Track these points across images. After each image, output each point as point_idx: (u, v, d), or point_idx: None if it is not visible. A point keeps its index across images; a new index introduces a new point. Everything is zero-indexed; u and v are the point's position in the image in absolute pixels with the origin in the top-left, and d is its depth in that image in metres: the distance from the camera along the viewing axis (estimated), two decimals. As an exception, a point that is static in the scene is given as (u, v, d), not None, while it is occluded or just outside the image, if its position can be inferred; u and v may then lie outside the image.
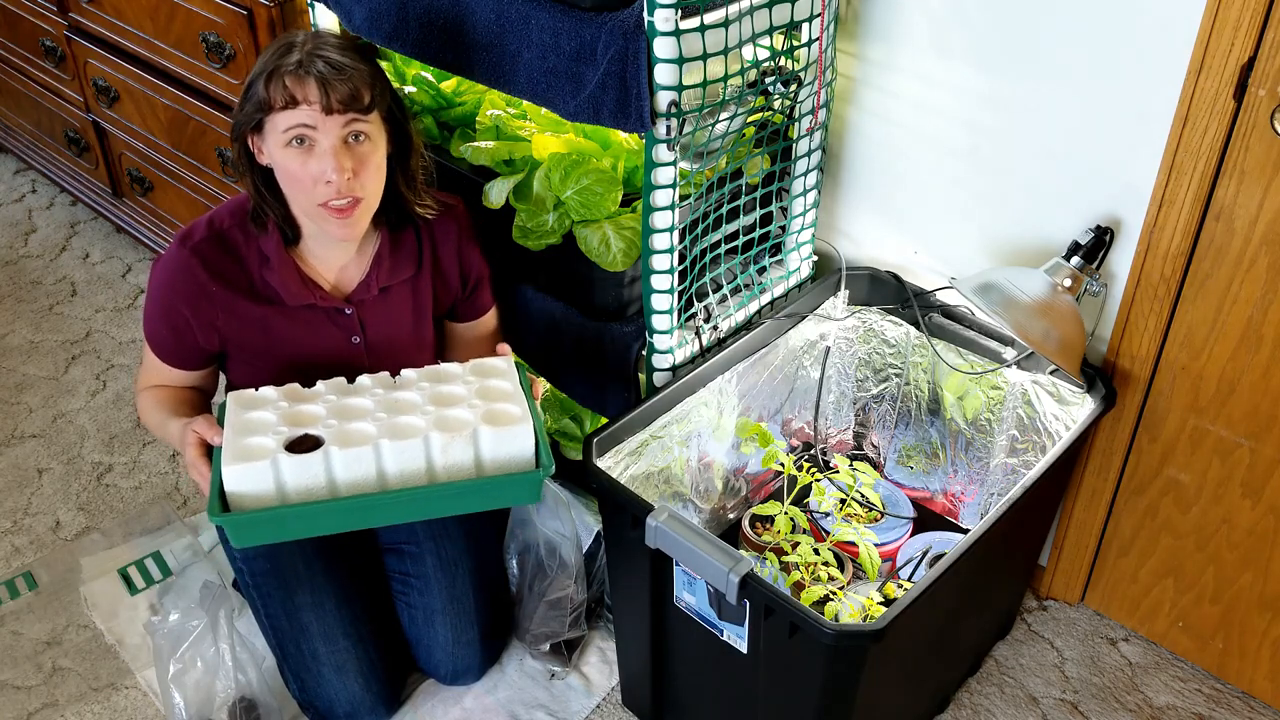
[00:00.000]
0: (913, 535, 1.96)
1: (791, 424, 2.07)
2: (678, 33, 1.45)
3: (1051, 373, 1.77)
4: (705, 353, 1.80)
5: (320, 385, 1.54)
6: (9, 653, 1.92)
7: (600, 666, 1.89)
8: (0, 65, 3.09)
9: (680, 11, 1.44)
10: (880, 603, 1.66)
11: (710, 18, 1.49)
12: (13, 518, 2.19)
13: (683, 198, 1.63)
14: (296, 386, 1.53)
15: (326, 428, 1.45)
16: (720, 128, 1.63)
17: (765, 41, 1.66)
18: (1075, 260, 1.65)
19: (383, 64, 1.64)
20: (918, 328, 1.93)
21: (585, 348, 1.81)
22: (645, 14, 1.44)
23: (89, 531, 2.16)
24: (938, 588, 1.40)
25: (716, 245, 1.80)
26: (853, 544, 1.74)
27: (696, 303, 1.78)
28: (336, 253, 1.63)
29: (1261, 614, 1.78)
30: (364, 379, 1.56)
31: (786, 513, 1.79)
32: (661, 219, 1.59)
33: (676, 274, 1.66)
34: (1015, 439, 1.87)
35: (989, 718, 1.82)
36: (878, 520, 1.96)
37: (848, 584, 1.78)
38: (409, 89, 1.95)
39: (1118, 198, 1.66)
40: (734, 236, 1.85)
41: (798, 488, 1.92)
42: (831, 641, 1.32)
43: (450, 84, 2.01)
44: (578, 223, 1.70)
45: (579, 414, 2.04)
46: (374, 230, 1.65)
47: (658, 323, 1.70)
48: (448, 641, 1.79)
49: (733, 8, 1.53)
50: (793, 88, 1.73)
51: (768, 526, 1.93)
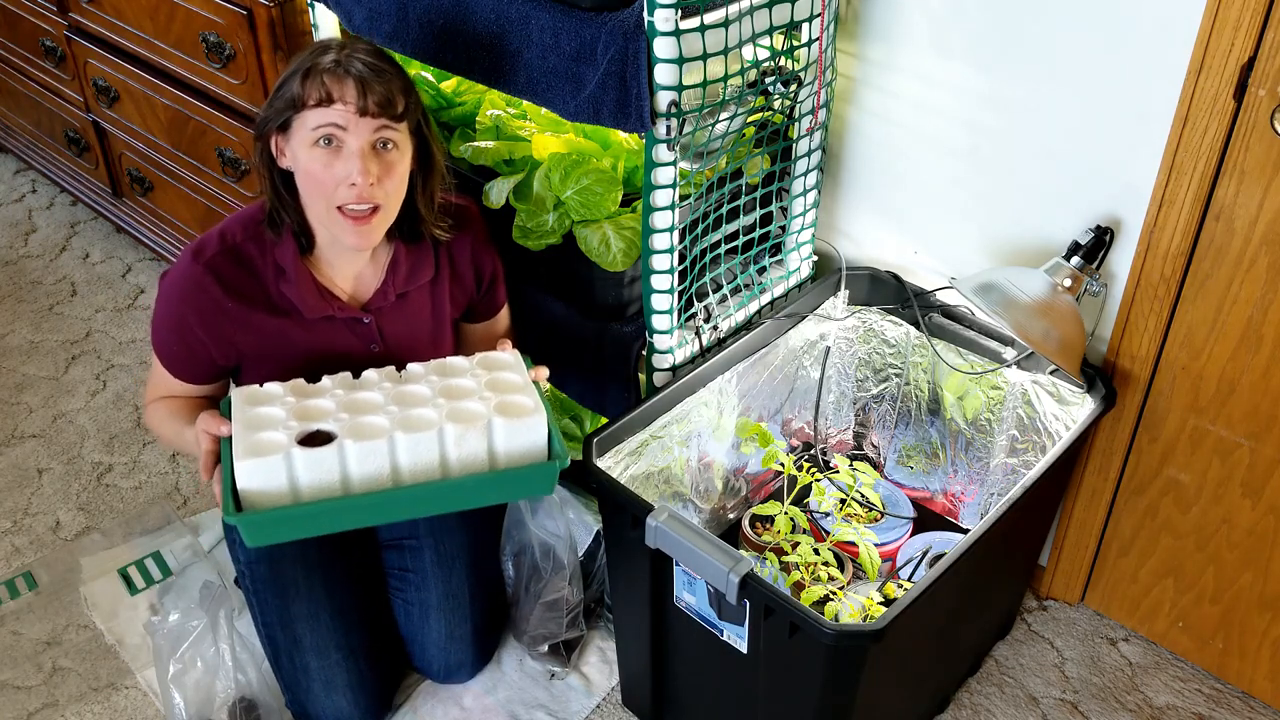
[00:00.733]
0: (913, 535, 1.96)
1: (791, 424, 2.07)
2: (678, 33, 1.45)
3: (1051, 373, 1.77)
4: (705, 353, 1.80)
5: (326, 380, 1.53)
6: (9, 653, 1.92)
7: (600, 666, 1.89)
8: (0, 65, 3.09)
9: (680, 11, 1.44)
10: (880, 603, 1.66)
11: (710, 18, 1.49)
12: (13, 518, 2.19)
13: (683, 198, 1.63)
14: (302, 382, 1.52)
15: (338, 422, 1.44)
16: (720, 128, 1.63)
17: (765, 41, 1.67)
18: (1075, 260, 1.65)
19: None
20: (918, 328, 1.93)
21: (585, 348, 1.81)
22: (645, 14, 1.44)
23: (89, 531, 2.16)
24: (938, 588, 1.40)
25: (716, 245, 1.80)
26: (853, 544, 1.74)
27: (696, 303, 1.78)
28: (352, 262, 1.61)
29: (1261, 614, 1.78)
30: (370, 373, 1.54)
31: (786, 513, 1.79)
32: (661, 219, 1.59)
33: (676, 274, 1.66)
34: (1015, 439, 1.87)
35: (989, 718, 1.82)
36: (878, 520, 1.96)
37: (848, 584, 1.78)
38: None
39: (1118, 198, 1.66)
40: (734, 236, 1.85)
41: (798, 488, 1.92)
42: (831, 641, 1.33)
43: (450, 84, 2.01)
44: (578, 223, 1.71)
45: (579, 414, 2.04)
46: (387, 239, 1.62)
47: (658, 323, 1.70)
48: (441, 637, 1.79)
49: (733, 8, 1.53)
50: (793, 88, 1.73)
51: (768, 526, 1.93)
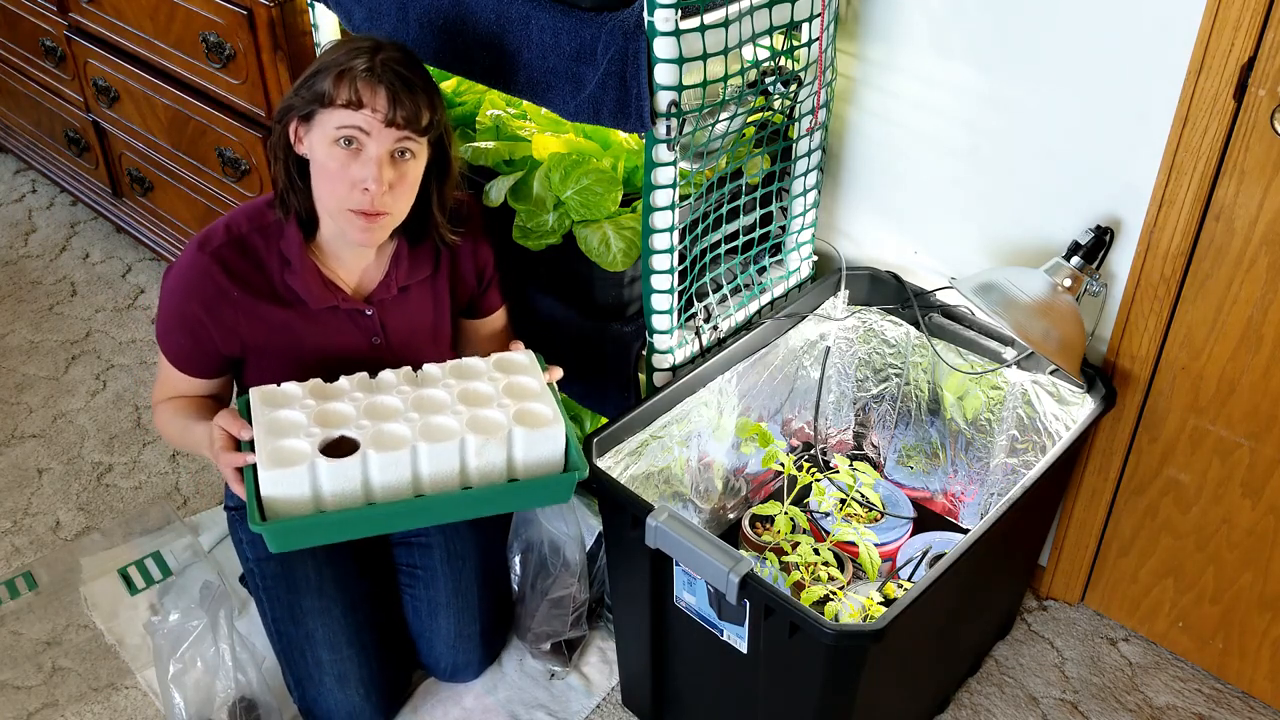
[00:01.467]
0: (913, 535, 1.96)
1: (791, 424, 2.07)
2: (678, 33, 1.45)
3: (1051, 373, 1.77)
4: (705, 353, 1.80)
5: (344, 381, 1.53)
6: (9, 653, 1.92)
7: (600, 666, 1.89)
8: (0, 65, 3.09)
9: (680, 11, 1.44)
10: (880, 603, 1.66)
11: (710, 18, 1.49)
12: (13, 518, 2.19)
13: (683, 198, 1.63)
14: (320, 382, 1.53)
15: (360, 429, 1.45)
16: (720, 128, 1.63)
17: (765, 41, 1.66)
18: (1075, 260, 1.65)
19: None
20: (918, 328, 1.93)
21: (585, 348, 1.81)
22: (645, 14, 1.44)
23: (89, 531, 2.16)
24: (938, 588, 1.40)
25: (716, 245, 1.80)
26: (853, 544, 1.74)
27: (696, 303, 1.78)
28: (356, 255, 1.62)
29: (1261, 614, 1.78)
30: (387, 375, 1.55)
31: (786, 513, 1.79)
32: (661, 219, 1.59)
33: (676, 274, 1.66)
34: (1015, 439, 1.87)
35: (989, 718, 1.82)
36: (878, 520, 1.96)
37: (848, 584, 1.78)
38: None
39: (1118, 198, 1.66)
40: (734, 236, 1.85)
41: (798, 488, 1.92)
42: (831, 641, 1.33)
43: (450, 84, 2.01)
44: (578, 223, 1.70)
45: (579, 414, 2.04)
46: (392, 234, 1.64)
47: (658, 323, 1.70)
48: (449, 635, 1.80)
49: (733, 8, 1.53)
50: (793, 88, 1.73)
51: (768, 526, 1.93)
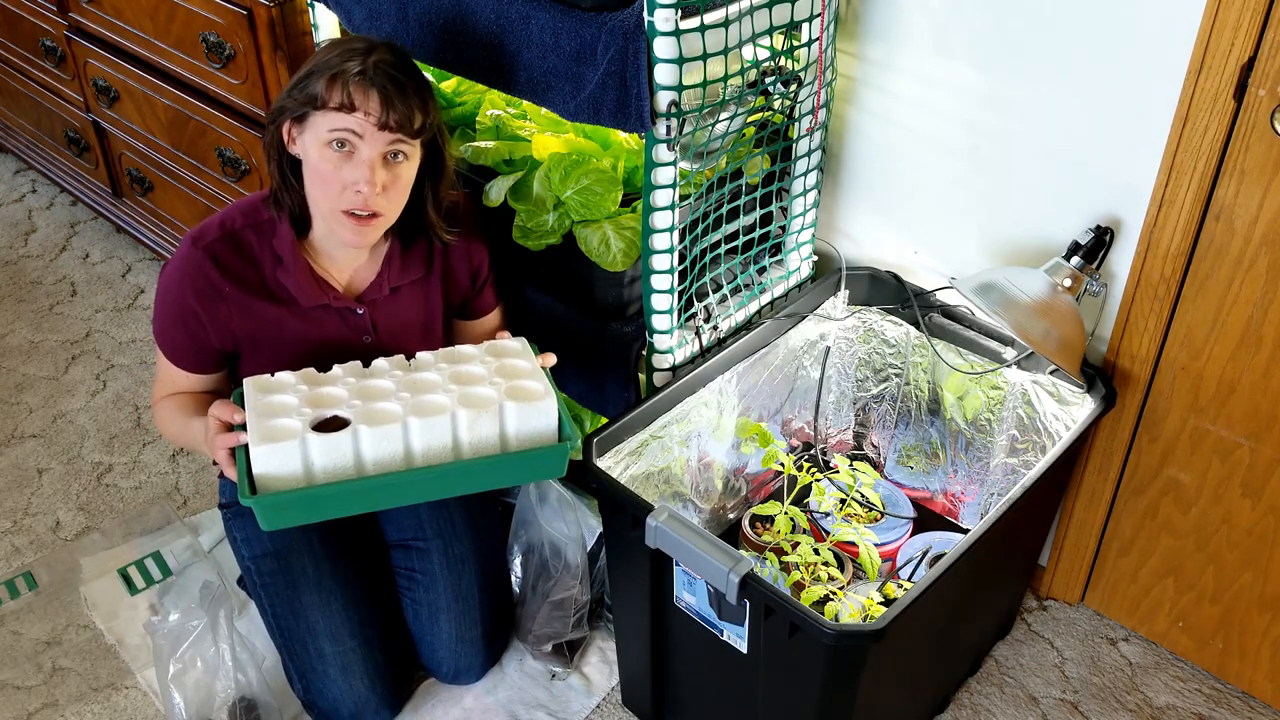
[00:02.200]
0: (913, 535, 1.96)
1: (791, 424, 2.07)
2: (678, 33, 1.45)
3: (1051, 373, 1.77)
4: (705, 353, 1.80)
5: (337, 369, 1.55)
6: (9, 653, 1.92)
7: (600, 666, 1.89)
8: (0, 65, 3.09)
9: (680, 11, 1.44)
10: (880, 603, 1.66)
11: (710, 18, 1.49)
12: (13, 518, 2.19)
13: (683, 198, 1.63)
14: (313, 371, 1.54)
15: (351, 408, 1.46)
16: (720, 128, 1.63)
17: (765, 41, 1.66)
18: (1075, 260, 1.65)
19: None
20: (918, 328, 1.93)
21: (585, 348, 1.81)
22: (645, 14, 1.44)
23: (89, 531, 2.16)
24: (938, 588, 1.40)
25: (716, 245, 1.80)
26: (853, 544, 1.74)
27: (696, 303, 1.78)
28: (348, 254, 1.64)
29: (1261, 614, 1.78)
30: (380, 362, 1.56)
31: (786, 513, 1.79)
32: (661, 219, 1.59)
33: (676, 274, 1.66)
34: (1015, 439, 1.87)
35: (989, 718, 1.82)
36: (878, 520, 1.96)
37: (848, 584, 1.78)
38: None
39: (1118, 198, 1.66)
40: (734, 236, 1.85)
41: (798, 488, 1.92)
42: (831, 641, 1.33)
43: (450, 84, 2.01)
44: (578, 223, 1.70)
45: (579, 414, 2.04)
46: (385, 234, 1.65)
47: (658, 323, 1.70)
48: (451, 639, 1.80)
49: (733, 8, 1.53)
50: (793, 88, 1.73)
51: (768, 526, 1.93)
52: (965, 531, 1.77)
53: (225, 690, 1.70)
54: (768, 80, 1.70)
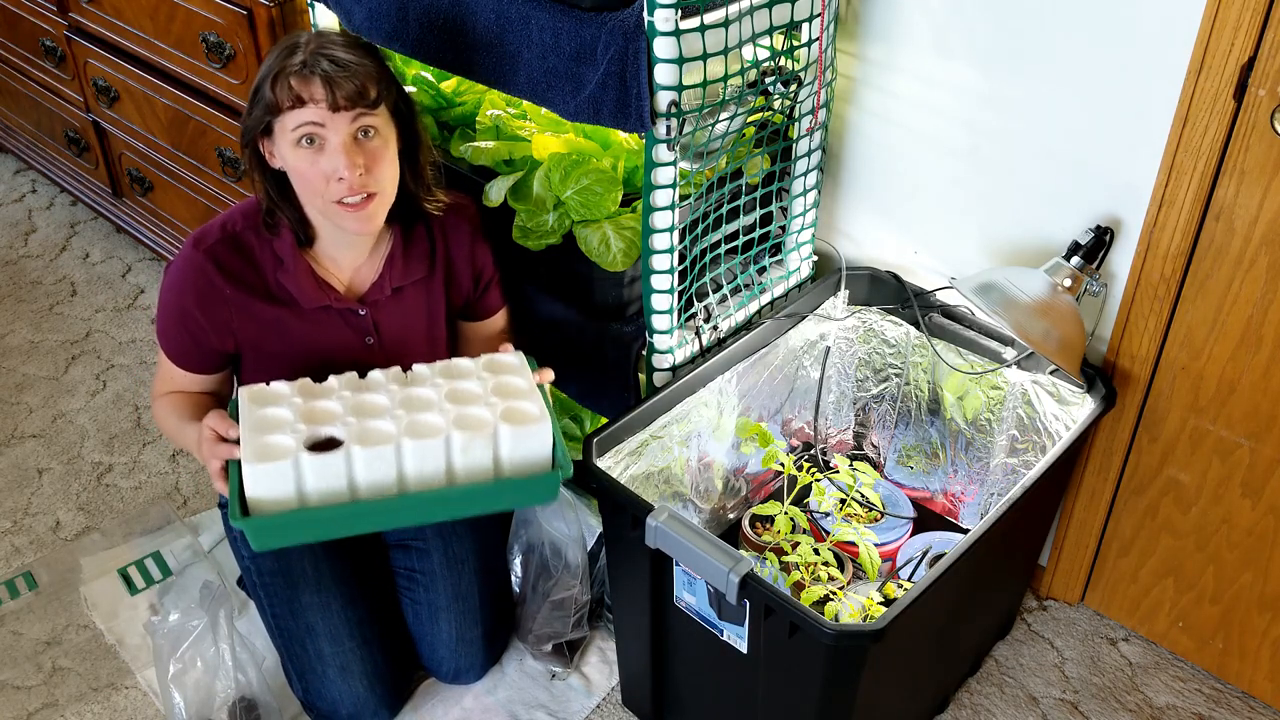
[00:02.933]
0: (913, 535, 1.96)
1: (791, 424, 2.07)
2: (678, 33, 1.45)
3: (1051, 373, 1.77)
4: (705, 353, 1.80)
5: (333, 380, 1.53)
6: (9, 653, 1.92)
7: (600, 666, 1.89)
8: (0, 65, 3.09)
9: (680, 11, 1.44)
10: (880, 603, 1.66)
11: (710, 18, 1.49)
12: (13, 518, 2.19)
13: (683, 198, 1.63)
14: (309, 381, 1.53)
15: (345, 426, 1.45)
16: (720, 128, 1.63)
17: (765, 41, 1.66)
18: (1075, 260, 1.65)
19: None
20: (918, 328, 1.93)
21: (585, 348, 1.81)
22: (645, 14, 1.44)
23: (89, 531, 2.16)
24: (938, 588, 1.40)
25: (716, 245, 1.80)
26: (853, 544, 1.74)
27: (696, 303, 1.78)
28: (350, 254, 1.63)
29: (1261, 614, 1.78)
30: (376, 374, 1.55)
31: (786, 513, 1.79)
32: (661, 219, 1.59)
33: (676, 274, 1.66)
34: (1015, 439, 1.87)
35: (989, 718, 1.82)
36: (878, 520, 1.96)
37: (848, 584, 1.78)
38: (409, 89, 1.95)
39: (1118, 198, 1.66)
40: (734, 236, 1.85)
41: (798, 488, 1.92)
42: (831, 641, 1.33)
43: (450, 84, 2.01)
44: (578, 223, 1.71)
45: (579, 414, 2.04)
46: (387, 230, 1.64)
47: (658, 323, 1.70)
48: (451, 639, 1.80)
49: (733, 8, 1.53)
50: (793, 88, 1.73)
51: (768, 526, 1.93)
52: (965, 531, 1.76)
53: (225, 690, 1.70)
54: (768, 80, 1.70)
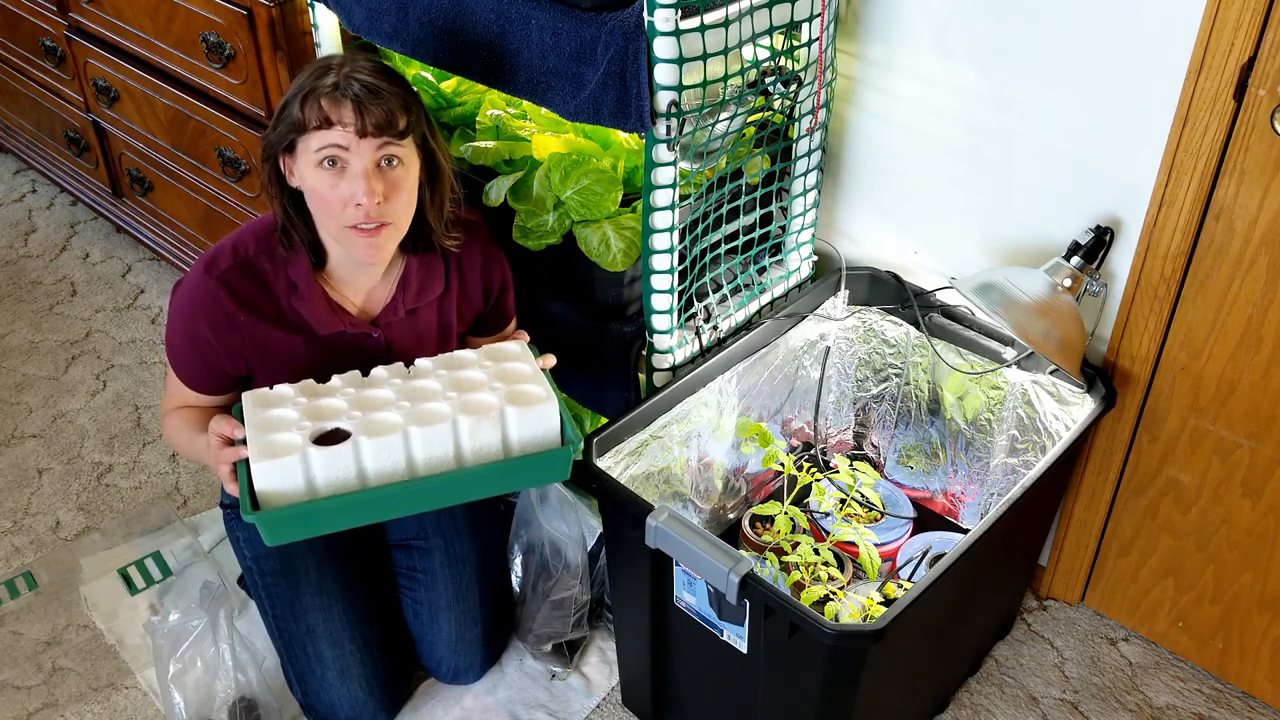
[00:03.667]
0: (913, 535, 1.96)
1: (791, 424, 2.07)
2: (678, 33, 1.45)
3: (1051, 373, 1.77)
4: (705, 353, 1.80)
5: (336, 379, 1.53)
6: (9, 653, 1.92)
7: (600, 666, 1.89)
8: (0, 65, 3.09)
9: (680, 11, 1.44)
10: (880, 603, 1.66)
11: (710, 18, 1.49)
12: (13, 518, 2.19)
13: (683, 198, 1.63)
14: (312, 382, 1.53)
15: (350, 419, 1.45)
16: (720, 128, 1.63)
17: (765, 41, 1.66)
18: (1075, 260, 1.65)
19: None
20: (918, 328, 1.93)
21: (585, 348, 1.81)
22: (645, 14, 1.44)
23: (89, 531, 2.16)
24: (938, 588, 1.40)
25: (716, 245, 1.80)
26: (853, 544, 1.74)
27: (696, 303, 1.78)
28: (363, 277, 1.61)
29: (1261, 614, 1.78)
30: (379, 371, 1.55)
31: (786, 513, 1.79)
32: (661, 219, 1.59)
33: (676, 274, 1.66)
34: (1015, 439, 1.87)
35: (989, 718, 1.82)
36: (878, 520, 1.96)
37: (848, 584, 1.78)
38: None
39: (1118, 198, 1.66)
40: (734, 236, 1.85)
41: (798, 488, 1.92)
42: (831, 641, 1.33)
43: (450, 84, 2.01)
44: (578, 223, 1.71)
45: (579, 414, 2.04)
46: (399, 253, 1.62)
47: (658, 323, 1.70)
48: (451, 639, 1.80)
49: (733, 8, 1.53)
50: (793, 88, 1.73)
51: (768, 526, 1.93)
52: (965, 531, 1.77)
53: (225, 690, 1.70)
54: (768, 80, 1.70)
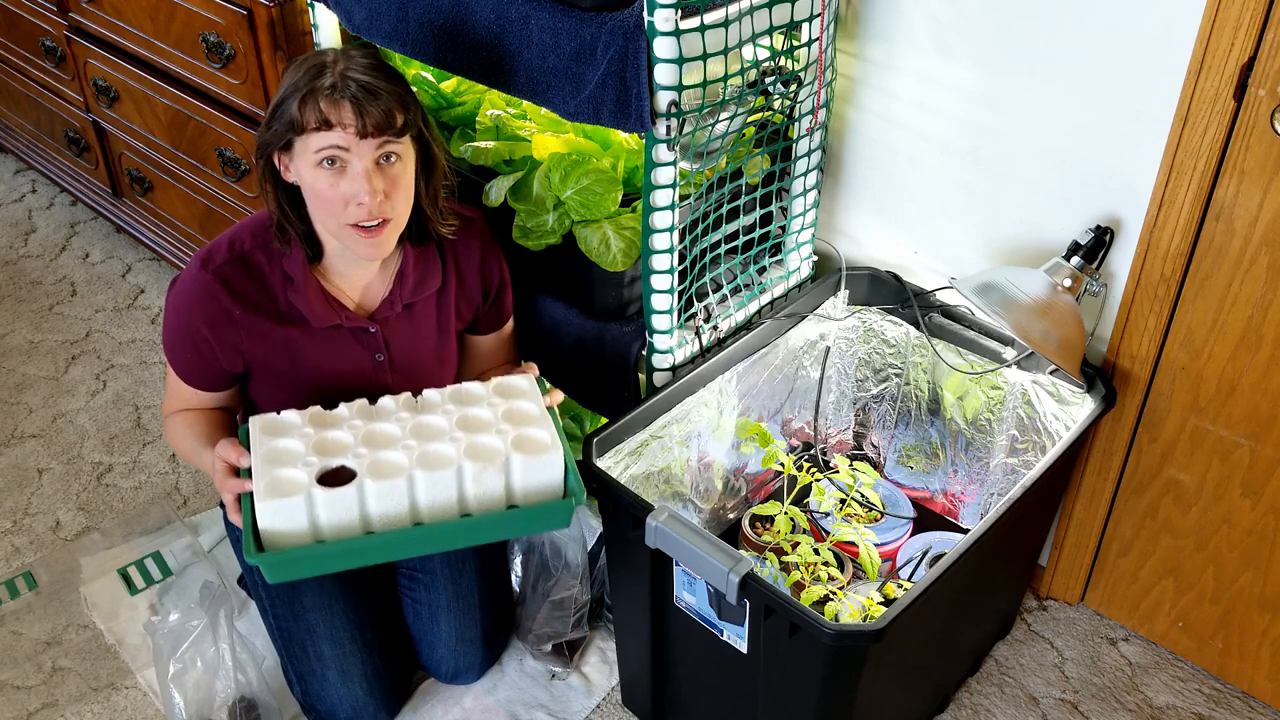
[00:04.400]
0: (913, 535, 1.96)
1: (791, 424, 2.07)
2: (678, 33, 1.45)
3: (1051, 373, 1.77)
4: (705, 353, 1.80)
5: (343, 409, 1.53)
6: (9, 653, 1.92)
7: (600, 666, 1.89)
8: (0, 65, 3.09)
9: (680, 11, 1.44)
10: (880, 603, 1.66)
11: (710, 18, 1.49)
12: (13, 518, 2.19)
13: (683, 198, 1.63)
14: (320, 410, 1.53)
15: (357, 457, 1.45)
16: (720, 128, 1.63)
17: (765, 41, 1.67)
18: (1075, 260, 1.65)
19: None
20: (918, 328, 1.93)
21: (585, 348, 1.81)
22: (645, 14, 1.44)
23: (89, 531, 2.16)
24: (938, 588, 1.40)
25: (716, 245, 1.80)
26: (853, 544, 1.74)
27: (696, 303, 1.78)
28: (360, 271, 1.62)
29: (1261, 614, 1.78)
30: (386, 401, 1.55)
31: (786, 513, 1.79)
32: (661, 219, 1.59)
33: (676, 274, 1.66)
34: (1015, 439, 1.87)
35: (989, 718, 1.82)
36: (878, 520, 1.96)
37: (848, 584, 1.78)
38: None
39: (1118, 198, 1.66)
40: (734, 236, 1.85)
41: (798, 488, 1.92)
42: (831, 641, 1.33)
43: (450, 84, 2.01)
44: (578, 223, 1.71)
45: (579, 414, 2.04)
46: (397, 248, 1.63)
47: (658, 323, 1.70)
48: (450, 638, 1.80)
49: (733, 8, 1.53)
50: (793, 88, 1.73)
51: (768, 526, 1.93)
52: (965, 531, 1.76)
53: (225, 690, 1.70)
54: (768, 80, 1.70)
